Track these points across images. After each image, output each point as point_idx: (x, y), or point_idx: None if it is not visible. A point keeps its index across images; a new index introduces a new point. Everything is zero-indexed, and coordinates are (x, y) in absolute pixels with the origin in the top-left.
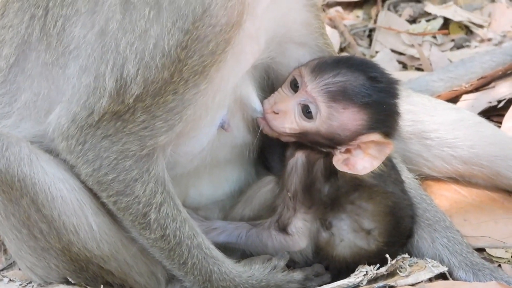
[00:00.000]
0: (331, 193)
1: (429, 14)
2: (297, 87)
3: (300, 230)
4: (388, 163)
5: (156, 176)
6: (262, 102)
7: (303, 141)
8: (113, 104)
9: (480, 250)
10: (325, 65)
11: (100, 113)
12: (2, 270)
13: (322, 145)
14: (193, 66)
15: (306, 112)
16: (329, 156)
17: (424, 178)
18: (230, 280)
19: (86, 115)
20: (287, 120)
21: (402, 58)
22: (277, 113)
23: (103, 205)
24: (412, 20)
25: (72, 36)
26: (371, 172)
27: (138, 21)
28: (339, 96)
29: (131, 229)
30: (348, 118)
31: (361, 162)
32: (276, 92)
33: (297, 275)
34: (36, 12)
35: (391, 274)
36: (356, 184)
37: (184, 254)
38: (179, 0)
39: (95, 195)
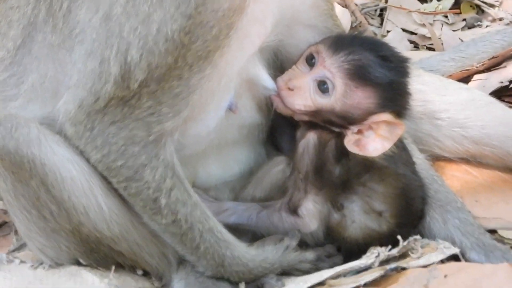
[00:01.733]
0: (342, 174)
1: None
2: (313, 63)
3: (311, 212)
4: (399, 144)
5: (165, 161)
6: (274, 81)
7: (316, 120)
8: (118, 90)
9: (492, 231)
10: (341, 42)
11: (106, 98)
12: (13, 251)
13: (334, 124)
14: (197, 51)
15: (323, 87)
16: (340, 137)
17: (435, 158)
18: (243, 265)
19: (92, 101)
20: (302, 96)
21: (413, 37)
22: (292, 90)
23: (113, 186)
24: None
25: (77, 20)
26: (382, 153)
27: (142, 6)
28: (354, 74)
29: (142, 215)
30: (359, 96)
31: (372, 143)
32: (290, 69)
33: (309, 254)
34: None
35: (403, 255)
36: (367, 165)
37: (196, 239)
38: None
39: (105, 177)
